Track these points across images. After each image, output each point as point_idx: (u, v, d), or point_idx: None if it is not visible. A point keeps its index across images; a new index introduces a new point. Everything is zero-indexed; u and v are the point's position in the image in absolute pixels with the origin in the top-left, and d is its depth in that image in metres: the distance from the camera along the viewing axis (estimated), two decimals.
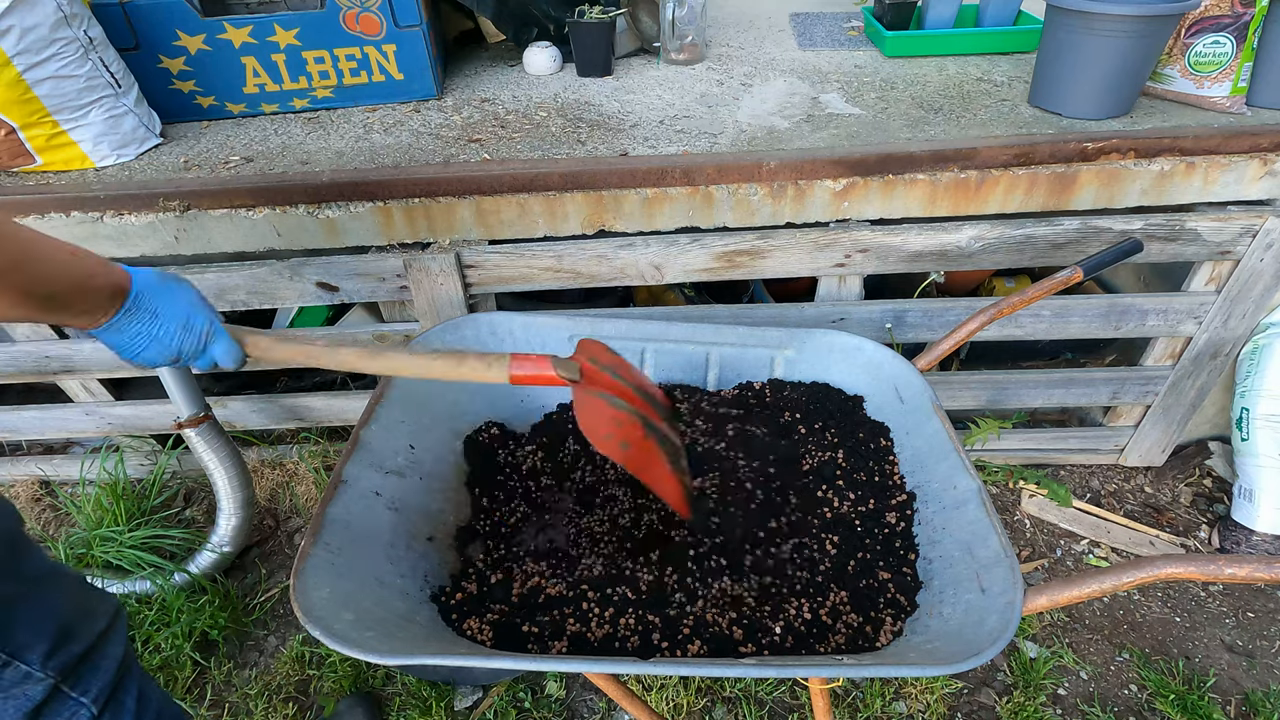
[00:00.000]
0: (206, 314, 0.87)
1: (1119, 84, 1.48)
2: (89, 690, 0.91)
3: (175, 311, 0.84)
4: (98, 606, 0.96)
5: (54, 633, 0.88)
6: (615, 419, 0.96)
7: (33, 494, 2.02)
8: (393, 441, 1.14)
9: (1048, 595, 0.82)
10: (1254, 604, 1.73)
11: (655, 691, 1.55)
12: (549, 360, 0.94)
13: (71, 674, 0.89)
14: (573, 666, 0.80)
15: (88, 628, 0.92)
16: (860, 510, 1.14)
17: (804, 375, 1.36)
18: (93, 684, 0.91)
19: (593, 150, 1.50)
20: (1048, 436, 1.99)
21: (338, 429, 2.00)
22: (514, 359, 0.93)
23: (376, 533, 1.02)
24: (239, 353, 0.89)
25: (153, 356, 0.84)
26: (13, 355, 1.69)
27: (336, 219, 1.46)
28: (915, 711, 1.53)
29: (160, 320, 0.83)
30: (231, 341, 0.89)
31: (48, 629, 0.87)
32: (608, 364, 1.05)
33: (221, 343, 0.88)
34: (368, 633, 0.82)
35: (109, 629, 0.95)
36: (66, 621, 0.90)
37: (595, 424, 0.96)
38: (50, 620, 0.88)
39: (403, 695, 1.56)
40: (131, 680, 0.97)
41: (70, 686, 0.89)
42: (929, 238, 1.52)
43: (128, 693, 0.96)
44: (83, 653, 0.90)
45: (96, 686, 0.91)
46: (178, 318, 0.84)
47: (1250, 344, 1.72)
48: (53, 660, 0.87)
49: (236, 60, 1.63)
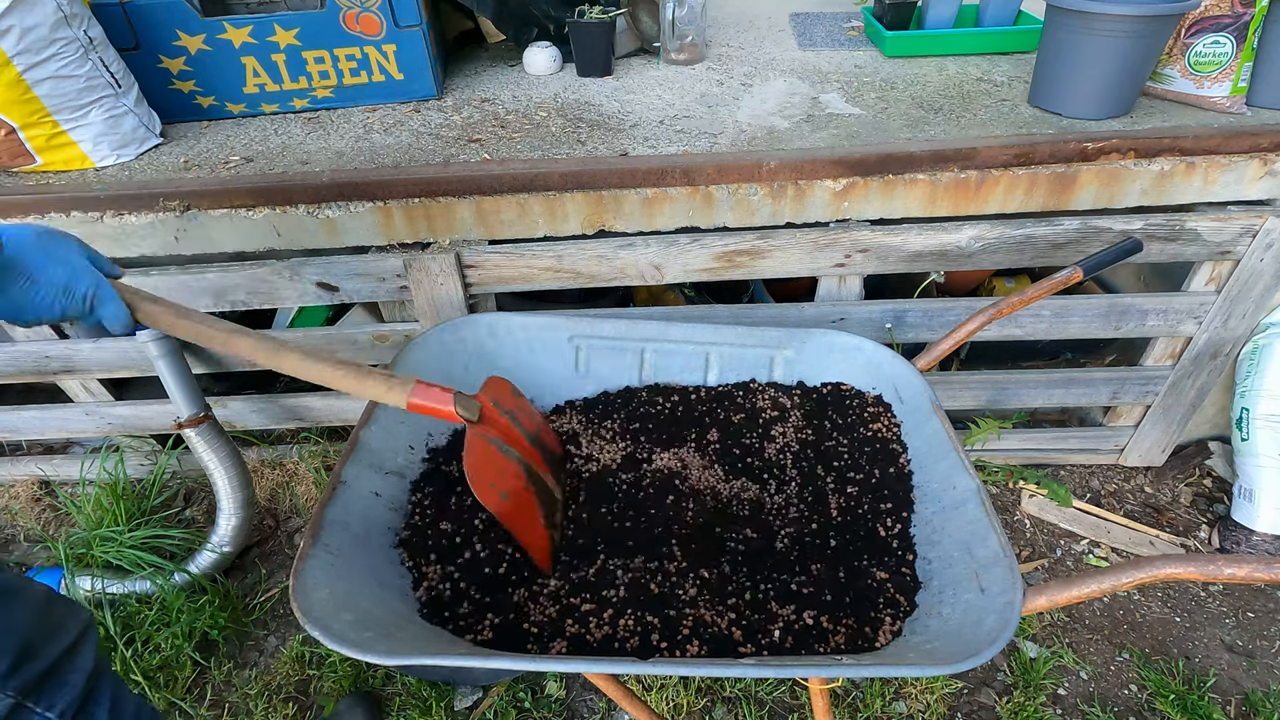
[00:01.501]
0: (90, 277, 0.84)
1: (1119, 84, 1.48)
2: (54, 705, 0.89)
3: (53, 276, 0.81)
4: (66, 620, 0.95)
5: (15, 650, 0.86)
6: (501, 468, 0.98)
7: (33, 494, 2.02)
8: (392, 442, 1.14)
9: (1047, 595, 0.82)
10: (1254, 604, 1.73)
11: (655, 692, 1.55)
12: (451, 395, 0.94)
13: (34, 690, 0.88)
14: (573, 667, 0.80)
15: (53, 643, 0.91)
16: (860, 510, 1.14)
17: (804, 375, 1.36)
18: (59, 699, 0.90)
19: (593, 150, 1.50)
20: (1048, 436, 1.99)
21: (338, 429, 2.00)
22: (417, 385, 0.93)
23: (376, 533, 1.02)
24: (127, 319, 0.87)
25: (33, 318, 0.82)
26: (13, 355, 1.69)
27: (336, 219, 1.46)
28: (915, 711, 1.53)
29: (37, 285, 0.80)
30: (121, 306, 0.86)
31: (8, 646, 0.86)
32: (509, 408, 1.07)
33: (110, 307, 0.85)
34: (367, 633, 0.82)
35: (78, 642, 0.94)
36: (29, 639, 0.88)
37: (481, 470, 0.97)
38: (11, 637, 0.87)
39: (403, 695, 1.56)
40: (103, 691, 0.96)
41: (34, 703, 0.88)
42: (929, 238, 1.52)
43: (99, 704, 0.95)
44: (46, 669, 0.89)
45: (64, 701, 0.90)
46: (56, 282, 0.81)
47: (1250, 344, 1.72)
48: (14, 678, 0.86)
49: (236, 60, 1.63)
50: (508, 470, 1.00)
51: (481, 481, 0.96)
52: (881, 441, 1.23)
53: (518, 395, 1.10)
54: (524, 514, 1.02)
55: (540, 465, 1.07)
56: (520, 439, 1.05)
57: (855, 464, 1.21)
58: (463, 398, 0.96)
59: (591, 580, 1.04)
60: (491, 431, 1.01)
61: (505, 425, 1.04)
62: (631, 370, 1.36)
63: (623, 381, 1.37)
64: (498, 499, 0.97)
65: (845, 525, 1.12)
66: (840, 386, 1.33)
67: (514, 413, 1.08)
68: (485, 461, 0.98)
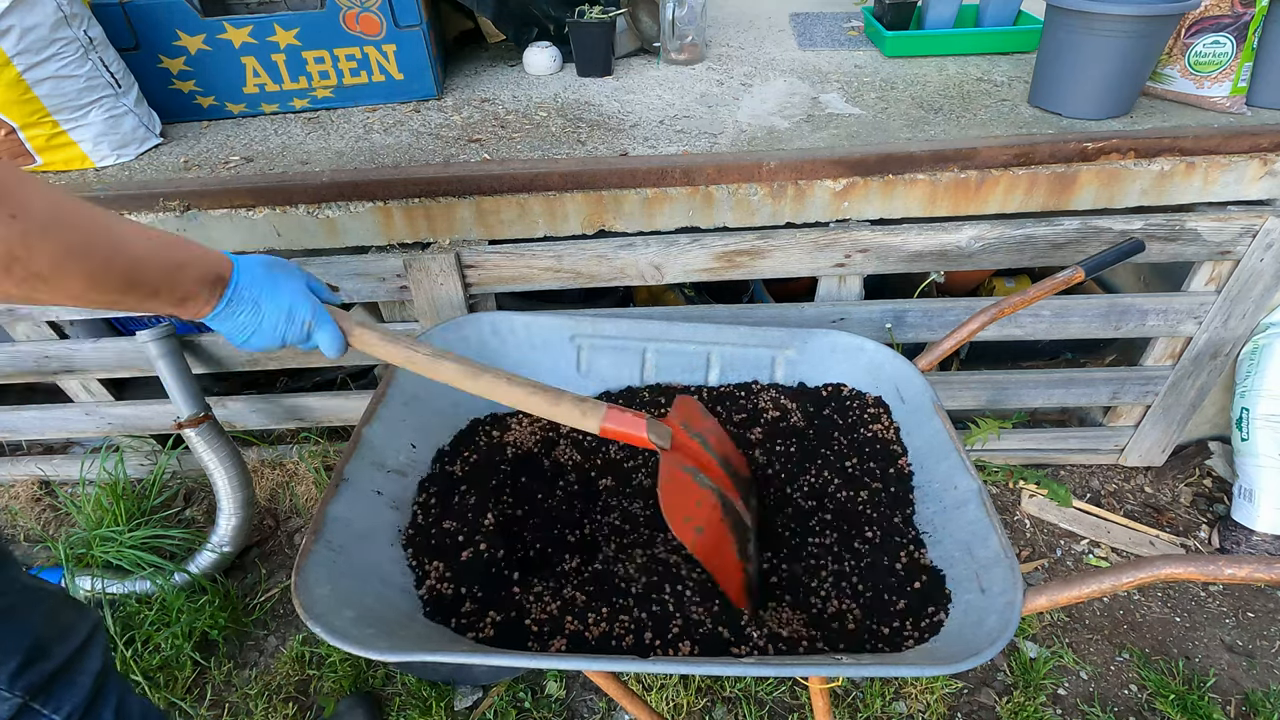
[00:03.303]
0: (310, 303, 0.87)
1: (1119, 84, 1.48)
2: (62, 707, 0.90)
3: (278, 303, 0.84)
4: (76, 622, 0.96)
5: (25, 651, 0.87)
6: (696, 499, 0.93)
7: (33, 494, 2.02)
8: (395, 440, 1.14)
9: (1047, 595, 0.82)
10: (1254, 604, 1.73)
11: (655, 691, 1.55)
12: (644, 421, 0.91)
13: (42, 691, 0.88)
14: (574, 665, 0.80)
15: (63, 645, 0.92)
16: (859, 510, 1.14)
17: (805, 376, 1.36)
18: (66, 700, 0.90)
19: (593, 150, 1.50)
20: (1048, 436, 1.99)
21: (338, 429, 2.00)
22: (610, 411, 0.91)
23: (378, 531, 1.02)
24: (342, 343, 0.90)
25: (259, 344, 0.85)
26: (13, 355, 1.69)
27: (336, 219, 1.46)
28: (915, 711, 1.53)
29: (262, 311, 0.83)
30: (336, 331, 0.89)
31: (19, 647, 0.87)
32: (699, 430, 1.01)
33: (326, 331, 0.88)
34: (368, 630, 0.82)
35: (86, 643, 0.95)
36: (39, 639, 0.89)
37: (677, 503, 0.91)
38: (23, 638, 0.87)
39: (403, 695, 1.56)
40: (110, 692, 0.96)
41: (41, 704, 0.88)
42: (929, 238, 1.52)
43: (105, 705, 0.95)
44: (55, 670, 0.90)
45: (71, 702, 0.91)
46: (280, 309, 0.84)
47: (1250, 344, 1.72)
48: (21, 679, 0.86)
49: (236, 60, 1.63)
50: (704, 501, 0.94)
51: (677, 516, 0.91)
52: (882, 443, 1.23)
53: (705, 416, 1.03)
54: (720, 548, 0.96)
55: (732, 491, 1.00)
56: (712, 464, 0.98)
57: (856, 464, 1.21)
58: (655, 424, 0.92)
59: (592, 580, 1.04)
60: (687, 460, 0.95)
61: (696, 450, 0.97)
62: (633, 370, 1.36)
63: (624, 381, 1.37)
64: (693, 534, 0.91)
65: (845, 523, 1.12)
66: (841, 388, 1.33)
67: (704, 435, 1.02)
68: (681, 493, 0.92)
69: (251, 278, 0.82)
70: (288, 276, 0.86)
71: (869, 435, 1.25)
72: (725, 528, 0.97)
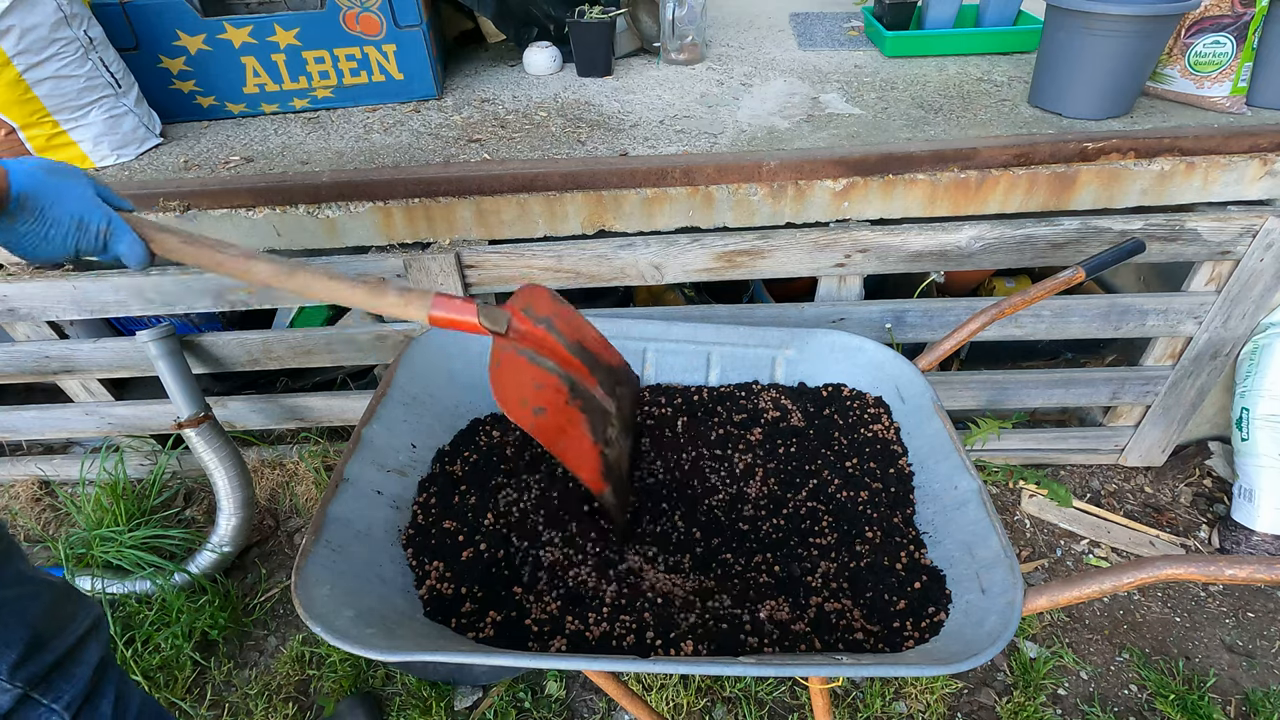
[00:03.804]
0: (102, 211, 0.83)
1: (1119, 84, 1.48)
2: (61, 697, 0.90)
3: (65, 211, 0.80)
4: (77, 614, 0.96)
5: (25, 642, 0.87)
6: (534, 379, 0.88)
7: (33, 494, 2.02)
8: (395, 440, 1.14)
9: (1048, 595, 0.82)
10: (1254, 604, 1.73)
11: (655, 691, 1.55)
12: (474, 305, 0.88)
13: (42, 682, 0.89)
14: (574, 664, 0.80)
15: (64, 636, 0.92)
16: (859, 510, 1.14)
17: (805, 376, 1.36)
18: (65, 691, 0.91)
19: (593, 150, 1.50)
20: (1048, 436, 1.99)
21: (338, 429, 2.00)
22: (436, 298, 0.87)
23: (378, 531, 1.02)
24: (143, 252, 0.86)
25: (49, 255, 0.82)
26: (13, 355, 1.69)
27: (336, 219, 1.46)
28: (915, 711, 1.53)
29: (49, 221, 0.79)
30: (136, 239, 0.85)
31: (19, 638, 0.87)
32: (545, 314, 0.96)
33: (124, 241, 0.84)
34: (368, 629, 0.82)
35: (87, 635, 0.95)
36: (40, 631, 0.89)
37: (509, 384, 0.88)
38: (23, 629, 0.87)
39: (403, 695, 1.56)
40: (109, 684, 0.96)
41: (41, 694, 0.89)
42: (929, 238, 1.52)
43: (104, 697, 0.95)
44: (55, 661, 0.90)
45: (70, 693, 0.91)
46: (69, 217, 0.81)
47: (1250, 344, 1.72)
48: (21, 670, 0.86)
49: (236, 60, 1.63)
50: (545, 384, 0.90)
51: (511, 398, 0.87)
52: (882, 443, 1.23)
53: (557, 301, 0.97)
54: (567, 431, 0.93)
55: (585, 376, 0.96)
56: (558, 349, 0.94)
57: (856, 465, 1.21)
58: (488, 309, 0.88)
59: (594, 577, 1.04)
60: (522, 342, 0.91)
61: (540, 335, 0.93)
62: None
63: None
64: (531, 415, 0.88)
65: (845, 523, 1.12)
66: (841, 388, 1.33)
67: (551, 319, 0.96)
68: (514, 375, 0.88)
69: (34, 184, 0.78)
70: (75, 182, 0.82)
71: (869, 435, 1.25)
72: (574, 409, 0.94)
